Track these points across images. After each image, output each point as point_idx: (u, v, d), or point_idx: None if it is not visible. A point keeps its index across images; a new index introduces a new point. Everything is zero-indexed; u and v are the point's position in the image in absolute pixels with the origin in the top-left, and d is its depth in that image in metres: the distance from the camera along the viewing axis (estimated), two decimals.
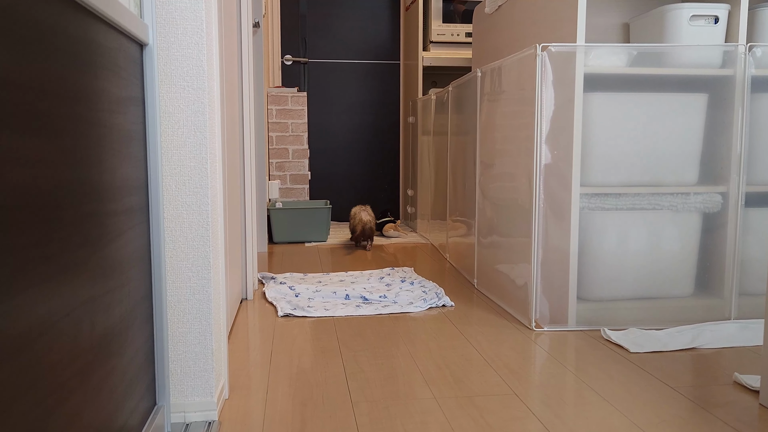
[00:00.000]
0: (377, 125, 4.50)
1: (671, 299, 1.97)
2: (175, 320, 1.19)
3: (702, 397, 1.38)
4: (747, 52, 1.88)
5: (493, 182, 2.27)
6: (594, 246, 1.92)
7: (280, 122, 3.82)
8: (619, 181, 1.92)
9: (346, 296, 2.22)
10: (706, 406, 1.33)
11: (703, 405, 1.34)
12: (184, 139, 1.16)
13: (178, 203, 1.17)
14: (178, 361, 1.20)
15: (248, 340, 1.80)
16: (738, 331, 1.80)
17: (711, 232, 1.98)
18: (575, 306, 1.87)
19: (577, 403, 1.37)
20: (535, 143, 1.86)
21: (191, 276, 1.18)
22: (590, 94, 1.86)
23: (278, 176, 3.86)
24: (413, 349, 1.71)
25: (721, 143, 1.94)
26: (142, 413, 1.04)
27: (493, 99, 2.26)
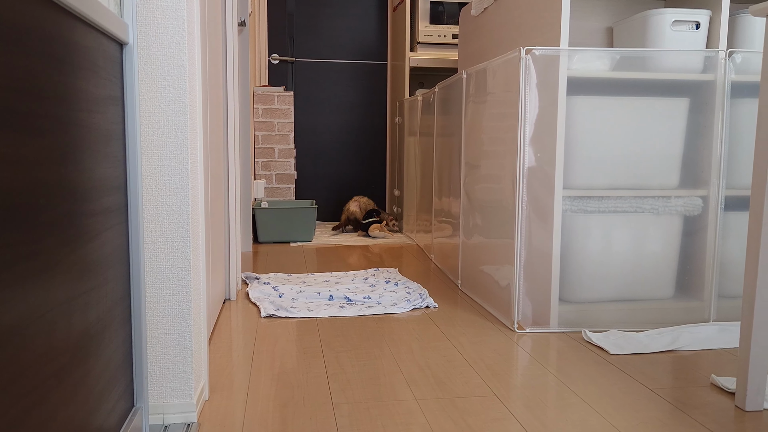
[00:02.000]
0: (364, 125, 4.50)
1: (652, 301, 1.99)
2: (154, 321, 1.18)
3: (680, 399, 1.39)
4: (727, 57, 1.90)
5: (477, 184, 2.27)
6: (576, 248, 1.94)
7: (267, 121, 3.81)
8: (602, 184, 1.93)
9: (330, 297, 2.22)
10: (683, 407, 1.35)
11: (681, 407, 1.35)
12: (165, 139, 1.15)
13: (158, 204, 1.16)
14: (156, 362, 1.19)
15: (230, 340, 1.80)
16: (716, 333, 1.82)
17: (691, 236, 2.00)
18: (557, 308, 1.88)
19: (557, 405, 1.38)
20: (519, 145, 1.87)
21: (171, 277, 1.17)
22: (573, 98, 1.87)
23: (264, 176, 3.84)
24: (396, 350, 1.71)
25: (701, 147, 1.96)
26: (119, 415, 1.04)
27: (478, 101, 2.27)
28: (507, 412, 1.32)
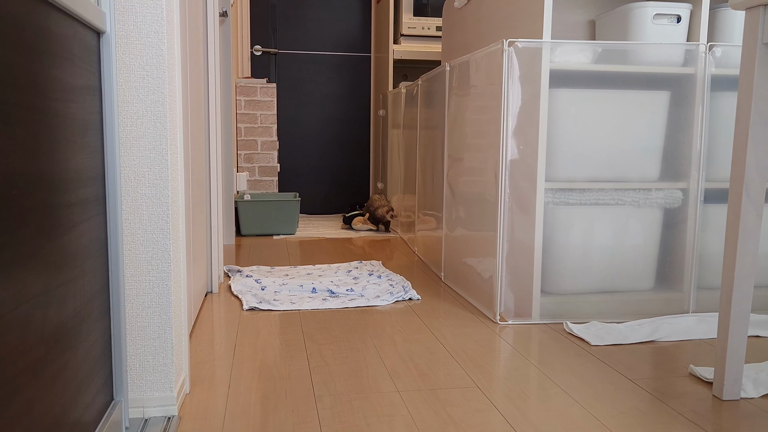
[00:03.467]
0: (348, 118, 4.48)
1: (632, 293, 2.01)
2: (134, 314, 1.17)
3: (659, 389, 1.41)
4: (707, 51, 1.92)
5: (460, 176, 2.28)
6: (558, 240, 1.95)
7: (249, 113, 3.78)
8: (584, 177, 1.94)
9: (313, 289, 2.21)
10: (662, 397, 1.36)
11: (660, 396, 1.37)
12: (144, 129, 1.14)
13: (137, 195, 1.14)
14: (136, 355, 1.18)
15: (212, 333, 1.79)
16: (695, 324, 1.84)
17: (671, 228, 2.03)
18: (539, 299, 1.89)
19: (538, 395, 1.39)
20: (501, 138, 1.87)
21: (150, 269, 1.16)
22: (556, 90, 1.87)
23: (246, 168, 3.82)
24: (379, 342, 1.71)
25: (682, 140, 1.98)
26: (98, 408, 1.02)
27: (461, 93, 2.27)
28: (488, 403, 1.32)
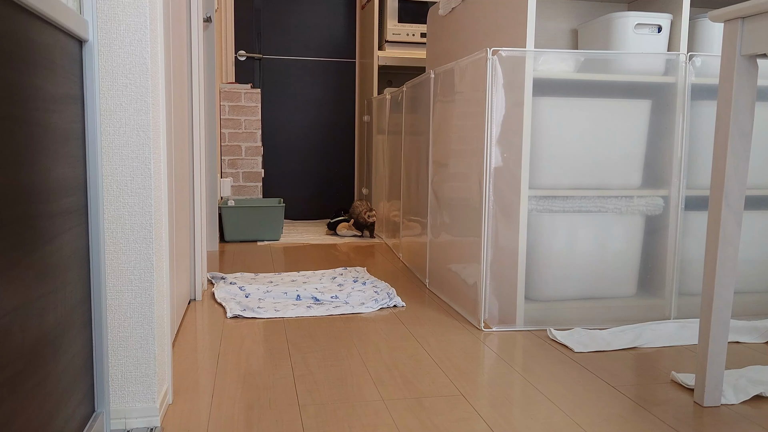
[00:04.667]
0: (332, 124, 4.48)
1: (615, 299, 2.02)
2: (116, 324, 1.15)
3: (641, 396, 1.42)
4: (687, 60, 1.95)
5: (444, 183, 2.28)
6: (542, 247, 1.96)
7: (233, 119, 3.76)
8: (567, 184, 1.96)
9: (297, 297, 2.20)
10: (644, 404, 1.38)
11: (642, 403, 1.38)
12: (126, 138, 1.13)
13: (120, 204, 1.13)
14: (118, 366, 1.16)
15: (195, 342, 1.77)
16: (677, 330, 1.86)
17: (653, 235, 2.05)
18: (523, 306, 1.90)
19: (522, 403, 1.40)
20: (485, 145, 1.88)
21: (133, 279, 1.15)
22: (539, 99, 1.89)
23: (230, 174, 3.80)
24: (363, 350, 1.71)
25: (663, 148, 2.01)
26: (79, 420, 1.01)
27: (445, 100, 2.28)
28: (473, 411, 1.33)
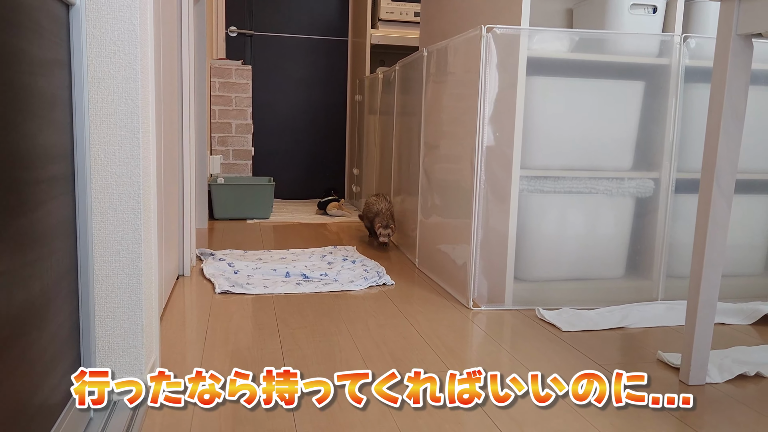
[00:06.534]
0: (324, 102, 4.44)
1: (603, 280, 2.03)
2: (103, 295, 1.14)
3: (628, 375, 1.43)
4: (682, 42, 1.94)
5: (436, 163, 2.28)
6: (532, 228, 1.96)
7: (224, 95, 3.72)
8: (559, 165, 1.95)
9: (287, 274, 2.20)
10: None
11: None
12: (115, 106, 1.11)
13: (108, 174, 1.12)
14: (105, 337, 1.16)
15: (184, 316, 1.76)
16: (664, 311, 1.88)
17: (643, 217, 2.05)
18: (512, 286, 1.91)
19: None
20: (478, 124, 1.87)
21: (120, 249, 1.14)
22: (533, 78, 1.88)
23: (220, 151, 3.77)
24: (352, 327, 1.71)
25: (655, 130, 2.01)
26: (65, 390, 1.00)
27: (438, 79, 2.26)
28: None
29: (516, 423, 0.91)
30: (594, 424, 1.14)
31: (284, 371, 0.91)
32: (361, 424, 0.91)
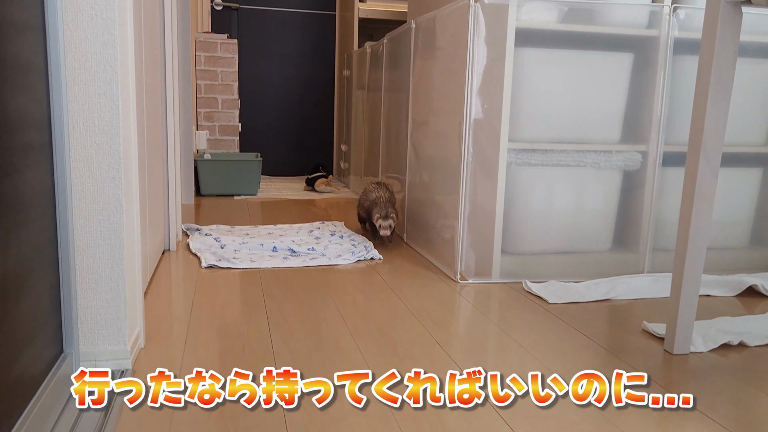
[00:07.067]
0: (311, 78, 4.39)
1: (590, 254, 2.04)
2: (85, 266, 1.13)
3: (613, 345, 1.44)
4: (671, 13, 1.92)
5: (424, 137, 2.26)
6: (520, 201, 1.96)
7: (209, 70, 3.66)
8: (547, 138, 1.94)
9: (274, 248, 2.18)
10: (616, 352, 1.40)
11: (614, 352, 1.40)
12: (93, 73, 1.08)
13: (87, 142, 1.09)
14: (88, 308, 1.14)
15: (169, 290, 1.75)
16: (650, 283, 1.89)
17: (630, 190, 2.05)
18: (499, 259, 1.91)
19: (496, 351, 1.41)
20: (466, 95, 1.85)
21: (102, 220, 1.12)
22: (521, 49, 1.86)
23: (207, 127, 3.72)
24: (340, 300, 1.70)
25: (643, 103, 2.00)
26: (46, 361, 0.99)
27: (426, 52, 2.23)
28: (447, 359, 1.33)
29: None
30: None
31: (284, 371, 0.91)
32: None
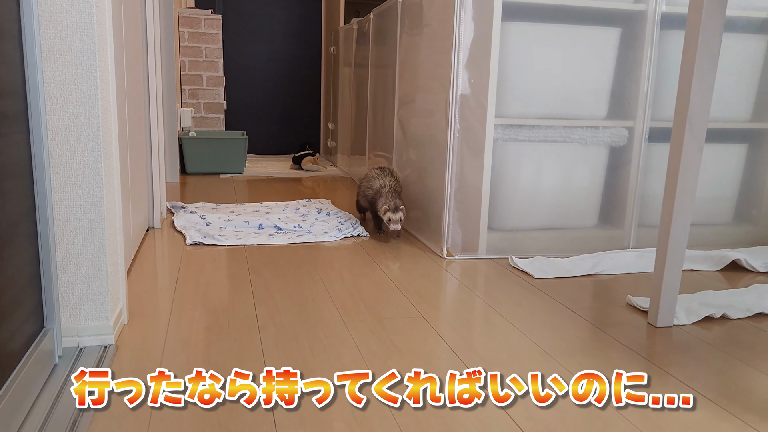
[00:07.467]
0: (298, 55, 4.34)
1: (576, 230, 2.04)
2: (65, 240, 1.11)
3: (598, 318, 1.45)
4: None
5: (410, 112, 2.24)
6: (507, 178, 1.95)
7: (193, 46, 3.61)
8: (534, 113, 1.93)
9: (260, 225, 2.17)
10: (601, 325, 1.40)
11: (599, 325, 1.41)
12: (70, 43, 1.05)
13: (65, 114, 1.07)
14: (69, 283, 1.13)
15: (154, 267, 1.73)
16: (635, 259, 1.90)
17: (616, 166, 2.05)
18: (486, 235, 1.91)
19: (482, 325, 1.41)
20: (453, 69, 1.83)
21: (81, 193, 1.10)
22: (508, 23, 1.84)
23: (191, 104, 3.68)
24: (326, 276, 1.70)
25: (630, 78, 1.99)
26: (26, 336, 0.98)
27: (412, 28, 2.21)
28: (434, 333, 1.34)
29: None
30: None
31: (284, 371, 0.91)
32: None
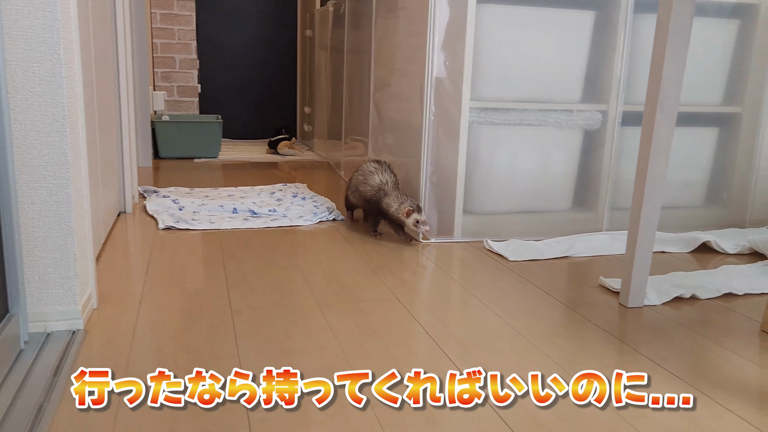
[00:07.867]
0: (273, 37, 4.28)
1: (551, 213, 2.06)
2: (30, 223, 1.08)
3: (571, 299, 1.46)
4: None
5: (386, 96, 2.23)
6: (482, 161, 1.95)
7: (165, 28, 3.54)
8: (509, 97, 1.93)
9: (234, 210, 2.15)
10: (574, 306, 1.42)
11: (572, 306, 1.42)
12: (31, 19, 1.02)
13: (27, 92, 1.04)
14: (35, 267, 1.10)
15: (125, 251, 1.71)
16: (608, 241, 1.92)
17: (590, 150, 2.07)
18: (461, 219, 1.91)
19: (458, 307, 1.42)
20: (428, 52, 1.82)
21: (47, 175, 1.07)
22: (483, 6, 1.83)
23: (164, 87, 3.61)
24: (302, 260, 1.69)
25: (604, 62, 2.00)
26: None
27: (388, 10, 2.19)
28: (409, 316, 1.34)
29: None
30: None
31: (284, 371, 0.91)
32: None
